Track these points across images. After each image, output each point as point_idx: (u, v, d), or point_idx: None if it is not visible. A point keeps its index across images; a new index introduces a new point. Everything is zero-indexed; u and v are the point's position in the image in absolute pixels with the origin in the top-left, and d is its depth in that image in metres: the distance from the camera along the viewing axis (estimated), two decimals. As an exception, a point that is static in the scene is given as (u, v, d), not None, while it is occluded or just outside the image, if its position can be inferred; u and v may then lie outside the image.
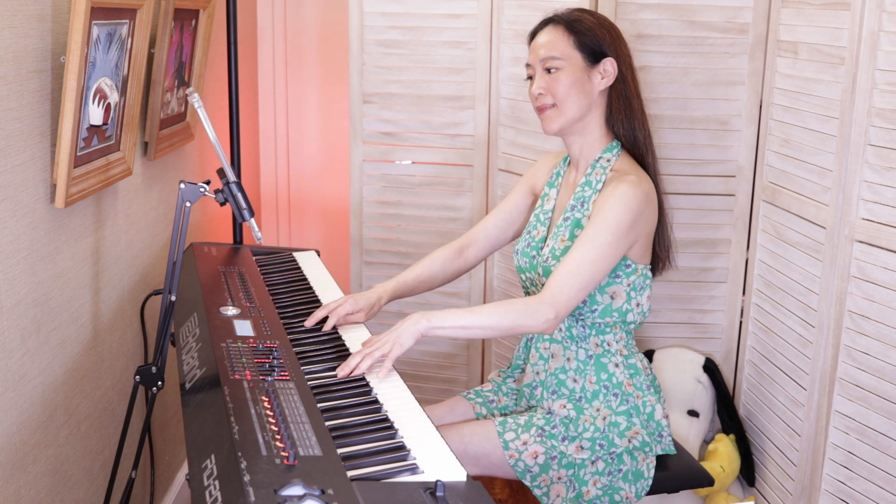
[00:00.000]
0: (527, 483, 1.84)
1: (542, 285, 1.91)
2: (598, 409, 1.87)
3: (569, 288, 1.76)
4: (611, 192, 1.81)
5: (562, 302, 1.75)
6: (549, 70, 1.87)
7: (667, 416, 1.93)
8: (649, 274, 1.91)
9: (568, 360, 1.90)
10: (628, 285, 1.87)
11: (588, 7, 2.46)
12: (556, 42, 1.87)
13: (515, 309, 1.76)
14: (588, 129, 1.91)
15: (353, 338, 1.83)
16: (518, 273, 2.02)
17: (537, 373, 1.95)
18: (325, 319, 1.88)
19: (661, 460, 1.94)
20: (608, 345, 1.89)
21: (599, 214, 1.79)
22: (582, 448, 1.84)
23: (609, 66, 1.87)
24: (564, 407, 1.88)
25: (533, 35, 1.95)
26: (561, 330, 1.91)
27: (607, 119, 1.92)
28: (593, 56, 1.87)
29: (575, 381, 1.90)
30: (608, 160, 1.90)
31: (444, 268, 2.09)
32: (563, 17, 1.90)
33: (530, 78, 1.93)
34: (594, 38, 1.87)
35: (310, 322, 1.86)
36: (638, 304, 1.89)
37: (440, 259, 2.09)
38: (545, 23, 1.93)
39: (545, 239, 1.96)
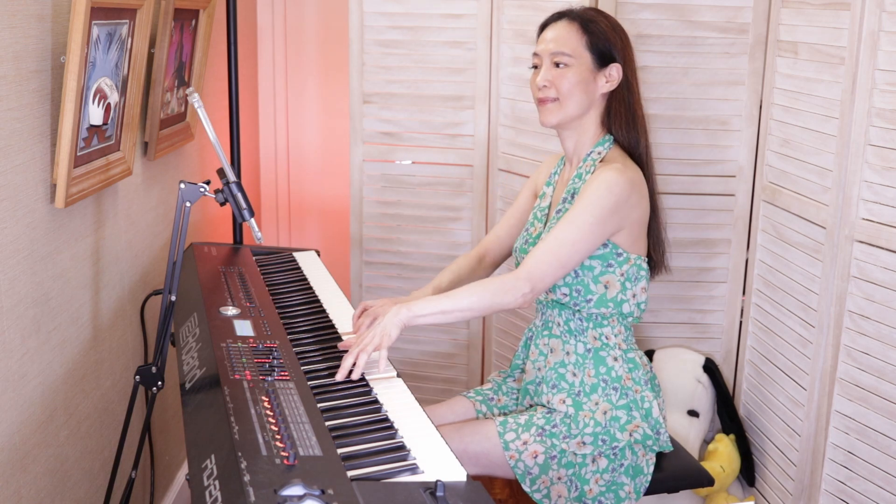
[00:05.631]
0: (526, 488, 1.83)
1: None
2: (597, 403, 1.87)
3: (546, 264, 1.77)
4: (594, 177, 1.83)
5: (537, 276, 1.77)
6: (556, 64, 1.88)
7: (664, 415, 1.94)
8: (644, 265, 1.91)
9: (567, 353, 1.91)
10: (622, 275, 1.87)
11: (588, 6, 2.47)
12: (569, 38, 1.88)
13: (492, 288, 1.77)
14: (584, 126, 1.93)
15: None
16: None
17: (539, 368, 1.96)
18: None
19: (661, 459, 1.94)
20: (606, 338, 1.90)
21: (581, 197, 1.81)
22: (584, 444, 1.84)
23: (615, 72, 1.89)
24: (564, 402, 1.88)
25: (544, 26, 1.95)
26: (559, 324, 1.92)
27: (603, 120, 1.93)
28: (602, 59, 1.88)
29: (574, 374, 1.90)
30: (599, 153, 1.92)
31: (470, 275, 2.12)
32: (578, 14, 1.91)
33: (535, 67, 1.94)
34: (606, 42, 1.88)
35: (353, 324, 1.87)
36: (634, 296, 1.90)
37: (466, 266, 2.12)
38: (559, 16, 1.93)
39: (542, 235, 1.96)
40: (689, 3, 2.45)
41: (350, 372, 1.63)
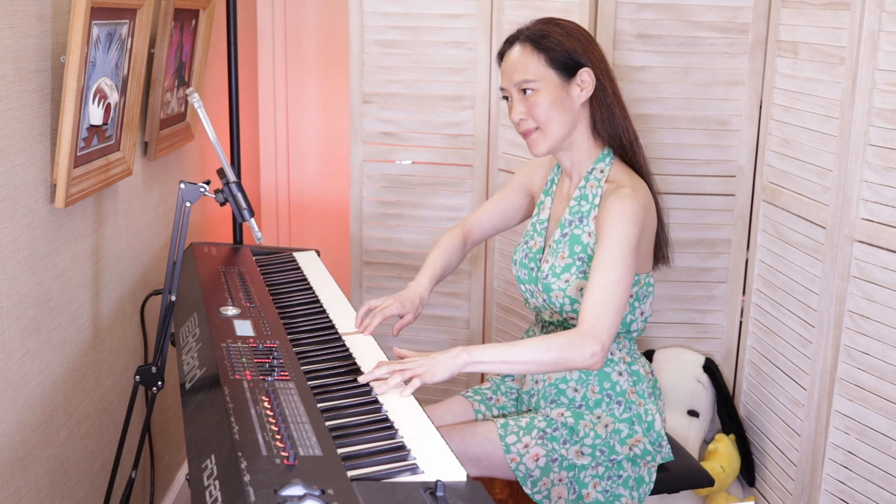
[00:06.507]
0: (527, 490, 1.83)
1: (544, 300, 1.90)
2: (598, 417, 1.86)
3: (605, 316, 1.71)
4: (610, 208, 1.78)
5: (603, 331, 1.70)
6: (525, 91, 1.82)
7: (665, 424, 1.93)
8: (651, 281, 1.90)
9: (570, 370, 1.90)
10: (631, 296, 1.86)
11: (588, 8, 2.46)
12: (527, 63, 1.81)
13: (558, 344, 1.71)
14: (576, 143, 1.87)
15: (356, 343, 1.83)
16: (517, 283, 2.00)
17: (536, 381, 1.95)
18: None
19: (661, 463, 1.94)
20: (611, 354, 1.88)
21: (607, 234, 1.76)
22: (582, 454, 1.83)
23: (587, 76, 1.82)
24: (562, 415, 1.88)
25: (501, 55, 1.88)
26: None
27: (593, 129, 1.87)
28: (567, 70, 1.81)
29: (576, 390, 1.89)
30: (601, 171, 1.87)
31: (458, 254, 2.12)
32: (528, 34, 1.84)
33: (506, 98, 1.88)
34: (564, 52, 1.80)
35: (357, 322, 1.90)
36: (641, 313, 1.89)
37: (453, 246, 2.11)
38: (511, 41, 1.86)
39: (542, 251, 1.95)
40: (689, 3, 2.45)
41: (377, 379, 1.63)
